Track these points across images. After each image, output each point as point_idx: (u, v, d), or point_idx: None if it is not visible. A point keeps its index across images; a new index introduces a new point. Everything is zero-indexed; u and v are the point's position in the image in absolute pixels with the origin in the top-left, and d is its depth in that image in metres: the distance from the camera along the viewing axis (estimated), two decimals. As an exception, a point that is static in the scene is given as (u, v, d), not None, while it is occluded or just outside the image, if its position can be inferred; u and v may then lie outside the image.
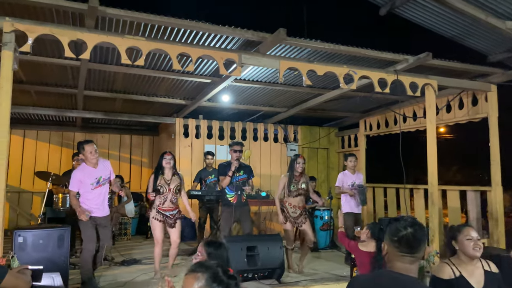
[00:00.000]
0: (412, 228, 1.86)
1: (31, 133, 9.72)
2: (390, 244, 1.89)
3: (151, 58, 5.71)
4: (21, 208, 9.30)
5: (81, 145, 4.85)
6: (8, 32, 3.78)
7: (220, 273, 1.68)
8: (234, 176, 5.57)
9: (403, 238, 1.84)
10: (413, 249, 1.83)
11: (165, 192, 5.16)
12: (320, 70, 5.08)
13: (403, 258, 1.84)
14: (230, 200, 5.54)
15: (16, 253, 3.90)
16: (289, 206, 5.60)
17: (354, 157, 6.59)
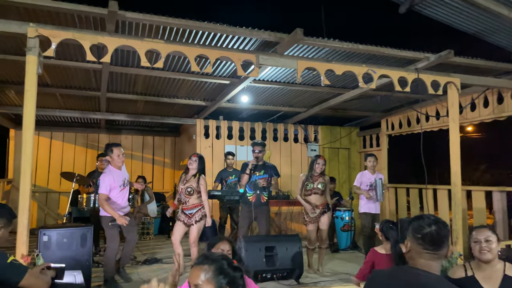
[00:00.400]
0: (435, 225, 1.86)
1: (57, 135, 10.01)
2: (414, 241, 1.88)
3: (170, 60, 5.79)
4: (48, 208, 9.59)
5: (109, 147, 4.97)
6: (32, 37, 3.90)
7: (225, 265, 1.71)
8: (254, 175, 5.61)
9: (427, 235, 1.84)
10: (436, 246, 1.83)
11: (178, 191, 5.27)
12: (338, 69, 5.04)
13: (426, 255, 1.83)
14: (249, 199, 5.60)
15: (41, 251, 4.02)
16: None
17: (373, 157, 6.54)
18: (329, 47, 5.30)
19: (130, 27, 4.71)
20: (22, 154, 3.89)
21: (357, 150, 10.13)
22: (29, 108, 3.91)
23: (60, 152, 10.01)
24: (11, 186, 9.11)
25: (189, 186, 5.22)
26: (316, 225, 5.67)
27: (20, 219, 3.68)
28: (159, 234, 8.93)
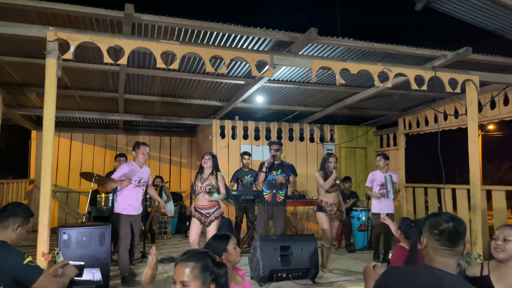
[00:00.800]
0: (453, 222, 1.85)
1: (77, 136, 10.21)
2: (430, 237, 1.86)
3: (186, 62, 5.86)
4: (69, 207, 9.80)
5: (138, 144, 5.25)
6: (52, 41, 4.01)
7: (210, 262, 1.73)
8: (271, 174, 5.65)
9: (445, 231, 1.83)
10: (454, 242, 1.82)
11: (197, 190, 5.29)
12: (353, 68, 5.01)
13: (443, 252, 1.82)
14: (266, 198, 5.63)
15: (61, 249, 4.13)
16: (326, 204, 5.68)
17: (380, 156, 6.54)
18: (344, 46, 5.27)
19: (146, 29, 4.78)
20: (43, 155, 4.00)
21: (374, 150, 10.03)
22: (49, 109, 4.01)
23: (80, 153, 10.21)
24: (33, 186, 9.34)
25: (208, 184, 5.25)
26: (330, 222, 5.65)
27: (41, 218, 3.79)
28: (176, 234, 9.02)
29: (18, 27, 4.06)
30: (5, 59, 5.57)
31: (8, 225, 2.56)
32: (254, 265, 4.97)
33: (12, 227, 2.56)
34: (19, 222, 2.60)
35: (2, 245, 2.48)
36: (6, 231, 2.55)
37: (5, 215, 2.59)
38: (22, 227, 2.62)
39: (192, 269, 1.69)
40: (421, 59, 5.82)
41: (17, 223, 2.58)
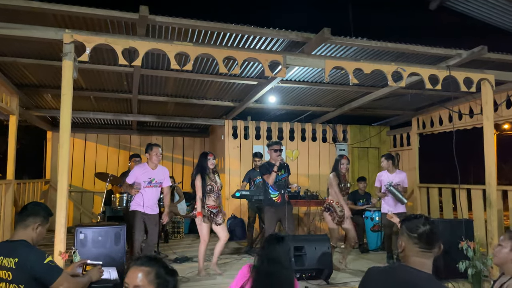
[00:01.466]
0: (429, 224, 1.95)
1: (91, 137, 10.34)
2: (408, 240, 1.96)
3: (199, 63, 5.89)
4: (83, 207, 9.93)
5: (150, 145, 5.32)
6: (68, 43, 4.08)
7: (163, 270, 1.72)
8: (277, 175, 5.65)
9: (423, 234, 1.92)
10: (431, 245, 1.92)
11: (215, 190, 5.33)
12: (367, 68, 5.00)
13: (421, 254, 1.92)
14: (275, 200, 5.62)
15: (78, 249, 4.18)
16: (337, 205, 5.67)
17: (383, 157, 6.49)
18: (357, 45, 5.25)
19: (160, 30, 4.83)
20: (60, 155, 4.06)
21: (387, 150, 9.95)
22: (65, 111, 4.08)
23: (94, 153, 10.33)
24: (49, 186, 9.48)
25: (220, 182, 5.46)
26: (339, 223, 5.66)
27: (57, 218, 3.85)
28: (189, 233, 9.07)
29: (35, 29, 4.14)
30: (22, 61, 5.67)
31: (28, 224, 2.60)
32: (268, 265, 4.98)
33: (32, 226, 2.61)
34: (39, 221, 2.64)
35: (23, 244, 2.52)
36: (26, 230, 2.60)
37: (26, 214, 2.63)
38: (42, 226, 2.67)
39: (147, 274, 1.67)
40: (435, 58, 5.77)
41: (37, 222, 2.63)
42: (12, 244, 2.53)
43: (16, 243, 2.53)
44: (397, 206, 6.22)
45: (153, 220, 5.22)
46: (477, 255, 4.93)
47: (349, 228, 5.70)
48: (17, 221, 2.65)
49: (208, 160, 5.35)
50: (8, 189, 6.20)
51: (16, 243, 2.53)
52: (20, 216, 2.64)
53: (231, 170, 8.71)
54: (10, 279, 2.41)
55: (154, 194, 5.25)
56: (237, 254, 6.85)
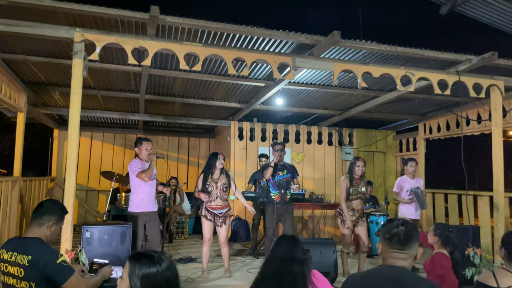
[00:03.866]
0: (403, 226, 2.01)
1: (97, 135, 10.37)
2: (383, 241, 2.05)
3: (208, 63, 5.89)
4: (88, 205, 9.95)
5: (140, 140, 5.15)
6: (79, 42, 4.10)
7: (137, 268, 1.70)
8: (278, 175, 5.65)
9: (395, 235, 2.00)
10: (403, 245, 1.98)
11: (213, 190, 5.31)
12: (375, 72, 4.99)
13: (394, 254, 1.99)
14: (274, 199, 5.64)
15: (84, 247, 4.19)
16: (347, 210, 5.52)
17: (414, 162, 6.26)
18: (366, 49, 5.23)
19: (170, 30, 4.83)
20: (68, 153, 4.08)
21: (393, 154, 9.93)
22: (74, 109, 4.10)
23: (100, 152, 10.36)
24: (54, 184, 9.50)
25: (224, 183, 5.39)
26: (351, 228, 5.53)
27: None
28: (193, 234, 9.07)
29: (46, 27, 4.17)
30: (32, 58, 5.69)
31: (43, 222, 2.60)
32: (273, 267, 4.96)
33: (47, 224, 2.60)
34: (54, 220, 2.64)
35: (37, 242, 2.52)
36: (41, 228, 2.59)
37: (41, 212, 2.63)
38: (57, 225, 2.67)
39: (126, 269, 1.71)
40: (445, 63, 5.74)
41: (52, 220, 2.62)
42: (26, 241, 2.53)
43: (30, 240, 2.53)
44: (417, 213, 6.12)
45: (155, 218, 5.10)
46: (484, 262, 4.89)
47: (360, 234, 5.56)
48: (32, 218, 2.64)
49: (218, 159, 5.36)
50: (14, 186, 6.23)
51: (30, 241, 2.53)
52: (35, 214, 2.63)
53: (236, 172, 8.70)
54: (22, 276, 2.41)
55: (154, 187, 5.14)
56: (241, 256, 6.84)
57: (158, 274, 1.67)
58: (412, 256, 2.01)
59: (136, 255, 1.74)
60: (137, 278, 1.65)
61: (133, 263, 1.69)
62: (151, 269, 1.67)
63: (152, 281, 1.66)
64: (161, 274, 1.67)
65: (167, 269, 1.69)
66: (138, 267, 1.67)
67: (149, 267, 1.67)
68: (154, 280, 1.66)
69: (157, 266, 1.68)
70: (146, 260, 1.69)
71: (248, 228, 8.36)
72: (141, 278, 1.65)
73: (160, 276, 1.67)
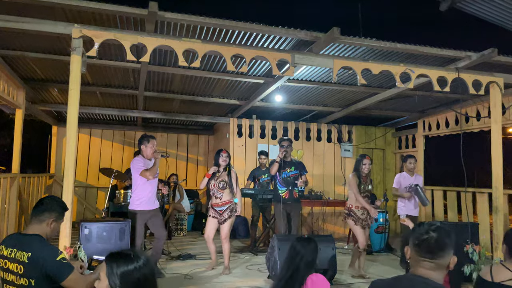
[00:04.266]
0: (436, 232, 1.77)
1: (96, 132, 10.35)
2: (412, 248, 1.83)
3: (207, 60, 5.88)
4: (87, 202, 9.94)
5: (145, 137, 5.10)
6: (77, 38, 4.07)
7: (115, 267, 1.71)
8: (285, 171, 5.64)
9: (424, 242, 1.77)
10: (433, 254, 1.76)
11: (211, 188, 5.34)
12: (375, 68, 4.97)
13: (423, 263, 1.78)
14: (282, 196, 5.63)
15: (82, 244, 4.19)
16: (357, 209, 5.41)
17: (413, 159, 6.23)
18: (366, 46, 5.22)
19: (169, 27, 4.81)
20: (66, 150, 4.06)
21: (392, 151, 9.93)
22: (73, 105, 4.08)
23: (99, 149, 10.34)
24: (53, 181, 9.49)
25: (221, 180, 5.40)
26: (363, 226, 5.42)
27: (63, 213, 3.85)
28: (192, 231, 9.08)
29: (44, 23, 4.14)
30: (30, 55, 5.67)
31: (43, 219, 2.58)
32: (272, 264, 4.97)
33: (47, 221, 2.59)
34: (54, 216, 2.62)
35: (37, 239, 2.51)
36: (41, 225, 2.58)
37: (41, 209, 2.61)
38: (56, 222, 2.65)
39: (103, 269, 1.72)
40: (444, 60, 5.73)
41: (52, 217, 2.61)
42: (26, 238, 2.51)
43: (30, 237, 2.52)
44: (416, 210, 6.09)
45: (157, 214, 5.10)
46: (482, 259, 4.90)
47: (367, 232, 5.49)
48: (32, 215, 2.62)
49: (221, 156, 5.42)
50: (13, 183, 6.21)
51: (29, 237, 2.52)
52: (35, 210, 2.61)
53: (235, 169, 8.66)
54: (21, 272, 2.40)
55: (155, 186, 5.12)
56: (240, 253, 6.84)
57: (136, 270, 1.70)
58: (444, 266, 1.78)
59: (112, 254, 1.76)
60: (116, 277, 1.68)
61: (110, 263, 1.71)
62: (129, 266, 1.70)
63: (131, 278, 1.69)
64: (139, 270, 1.71)
65: (144, 265, 1.73)
66: (116, 266, 1.69)
67: (127, 264, 1.70)
68: (133, 277, 1.69)
69: (134, 263, 1.71)
70: (123, 258, 1.72)
71: (247, 225, 8.37)
72: (120, 276, 1.67)
73: (138, 272, 1.70)
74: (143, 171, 4.87)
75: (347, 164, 9.42)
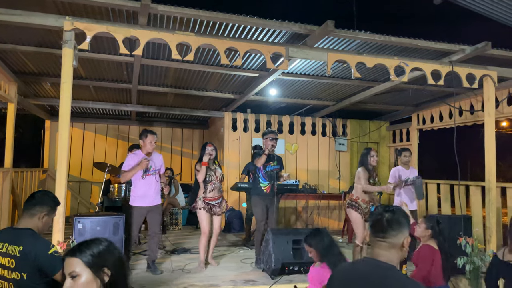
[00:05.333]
0: (390, 213, 1.86)
1: (90, 126, 10.28)
2: (369, 229, 1.92)
3: (200, 53, 5.84)
4: (81, 197, 9.90)
5: (145, 132, 5.10)
6: (68, 30, 4.03)
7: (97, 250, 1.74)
8: (269, 165, 5.59)
9: (378, 222, 1.86)
10: (384, 233, 1.83)
11: (213, 180, 5.31)
12: (369, 62, 4.97)
13: (377, 243, 1.85)
14: (264, 190, 5.55)
15: (76, 239, 4.16)
16: (363, 202, 5.38)
17: (408, 152, 6.22)
18: (360, 39, 5.20)
19: (162, 20, 4.77)
20: (58, 144, 4.02)
21: (386, 145, 9.96)
22: (65, 99, 4.04)
23: (92, 143, 10.28)
24: (46, 175, 9.44)
25: (221, 173, 5.48)
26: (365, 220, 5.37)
27: (56, 207, 3.82)
28: (187, 225, 9.07)
29: (35, 16, 4.09)
30: (21, 48, 5.60)
31: (35, 213, 2.57)
32: (266, 257, 4.98)
33: (38, 215, 2.58)
34: (46, 210, 2.61)
35: (29, 233, 2.50)
36: (33, 219, 2.57)
37: (33, 203, 2.60)
38: (48, 216, 2.64)
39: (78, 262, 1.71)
40: (438, 53, 5.73)
41: (43, 211, 2.60)
42: (17, 232, 2.50)
43: (22, 231, 2.51)
44: (413, 203, 6.06)
45: (156, 210, 5.10)
46: (475, 251, 4.94)
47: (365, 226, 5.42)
48: (24, 209, 2.62)
49: (206, 149, 5.34)
50: (6, 177, 6.17)
51: (21, 231, 2.50)
52: (27, 204, 2.61)
53: (230, 163, 8.69)
54: (13, 266, 2.39)
55: (152, 183, 5.07)
56: (235, 247, 6.85)
57: (111, 246, 1.77)
58: (397, 245, 1.82)
59: (79, 247, 1.75)
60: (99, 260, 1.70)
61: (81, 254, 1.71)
62: (102, 245, 1.75)
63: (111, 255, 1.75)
64: (110, 246, 1.77)
65: (111, 243, 1.79)
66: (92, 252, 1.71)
67: (99, 245, 1.74)
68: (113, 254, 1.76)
69: (104, 242, 1.76)
70: (92, 244, 1.75)
71: (242, 219, 8.37)
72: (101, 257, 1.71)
73: (113, 247, 1.77)
74: (122, 171, 4.97)
75: (342, 158, 9.44)
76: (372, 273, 1.78)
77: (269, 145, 5.56)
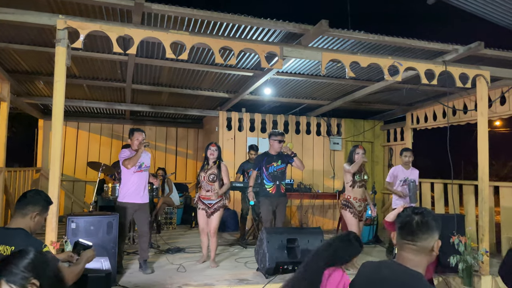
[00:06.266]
0: (419, 215, 1.77)
1: (84, 125, 10.23)
2: (397, 231, 1.83)
3: (195, 52, 5.83)
4: (75, 196, 9.84)
5: (132, 130, 5.16)
6: (62, 29, 3.99)
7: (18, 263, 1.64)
8: (271, 166, 5.60)
9: (407, 224, 1.78)
10: (414, 236, 1.75)
11: (201, 180, 5.34)
12: (363, 61, 4.98)
13: (405, 247, 1.77)
14: (269, 191, 5.58)
15: (69, 238, 4.14)
16: (354, 200, 5.42)
17: (409, 152, 6.13)
18: (354, 38, 5.22)
19: (156, 19, 4.75)
20: (52, 143, 3.99)
21: (380, 144, 10.00)
22: (58, 98, 4.01)
23: (86, 142, 10.23)
24: (40, 175, 9.38)
25: (211, 173, 5.37)
26: (359, 219, 5.43)
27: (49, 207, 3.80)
28: (181, 224, 9.06)
29: (28, 14, 4.06)
30: (14, 46, 5.56)
31: (27, 212, 2.56)
32: (260, 257, 4.98)
33: (30, 215, 2.56)
34: (38, 210, 2.60)
35: (21, 233, 2.48)
36: (24, 219, 2.55)
37: (25, 202, 2.59)
38: (40, 215, 2.62)
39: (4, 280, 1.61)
40: (432, 53, 5.76)
41: (35, 211, 2.58)
42: (9, 232, 2.49)
43: (14, 230, 2.49)
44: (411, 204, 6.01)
45: (144, 209, 5.08)
46: (468, 250, 4.97)
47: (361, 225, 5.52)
48: (16, 209, 2.60)
49: (209, 149, 5.44)
50: (-2, 177, 6.12)
51: (13, 231, 2.49)
52: (19, 204, 2.59)
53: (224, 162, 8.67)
54: None
55: (144, 179, 5.08)
56: (230, 246, 6.85)
57: (38, 255, 1.69)
58: (426, 249, 1.75)
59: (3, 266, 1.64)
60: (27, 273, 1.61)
61: (9, 271, 1.60)
62: (29, 256, 1.66)
63: (40, 263, 1.67)
64: (39, 254, 1.70)
65: (38, 251, 1.72)
66: (18, 268, 1.61)
67: (24, 258, 1.64)
68: (43, 262, 1.68)
69: (29, 253, 1.67)
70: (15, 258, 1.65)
71: (236, 218, 8.37)
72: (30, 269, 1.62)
73: (41, 256, 1.70)
74: (124, 160, 4.90)
75: (337, 157, 9.47)
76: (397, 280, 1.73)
77: (277, 147, 5.62)
